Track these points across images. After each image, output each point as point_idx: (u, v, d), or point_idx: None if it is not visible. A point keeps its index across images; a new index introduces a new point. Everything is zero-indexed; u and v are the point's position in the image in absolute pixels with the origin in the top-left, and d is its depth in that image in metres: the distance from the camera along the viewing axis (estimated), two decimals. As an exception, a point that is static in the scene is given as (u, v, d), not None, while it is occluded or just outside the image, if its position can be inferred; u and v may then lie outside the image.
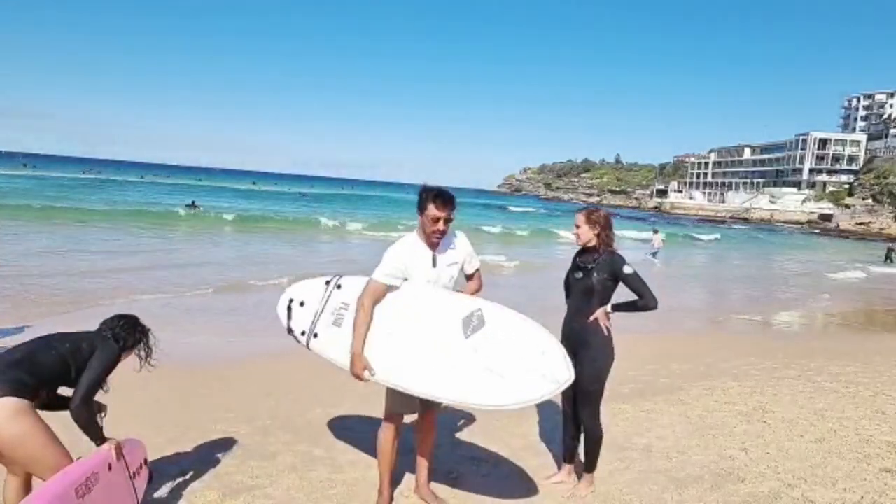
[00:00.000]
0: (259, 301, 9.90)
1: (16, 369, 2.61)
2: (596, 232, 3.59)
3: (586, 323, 3.55)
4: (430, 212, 3.16)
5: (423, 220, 3.21)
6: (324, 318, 3.47)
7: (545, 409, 5.21)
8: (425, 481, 3.55)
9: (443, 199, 3.16)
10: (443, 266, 3.30)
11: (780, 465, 4.17)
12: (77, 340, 2.85)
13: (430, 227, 3.18)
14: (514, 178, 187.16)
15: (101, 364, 2.80)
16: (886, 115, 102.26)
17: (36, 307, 8.42)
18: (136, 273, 12.08)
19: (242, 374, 6.16)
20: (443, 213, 3.16)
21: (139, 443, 3.27)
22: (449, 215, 3.18)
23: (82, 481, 2.58)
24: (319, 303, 3.51)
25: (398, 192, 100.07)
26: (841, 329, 11.77)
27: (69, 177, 60.12)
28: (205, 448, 4.17)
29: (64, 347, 2.78)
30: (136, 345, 3.07)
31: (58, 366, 2.71)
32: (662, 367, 6.94)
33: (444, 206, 3.16)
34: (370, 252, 17.30)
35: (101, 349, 2.85)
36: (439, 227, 3.18)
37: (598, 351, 3.54)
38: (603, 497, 3.66)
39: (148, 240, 18.61)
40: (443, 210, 3.16)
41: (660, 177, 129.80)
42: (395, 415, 3.40)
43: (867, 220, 67.26)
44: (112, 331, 2.99)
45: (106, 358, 2.84)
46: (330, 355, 3.41)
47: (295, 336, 3.53)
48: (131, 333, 3.04)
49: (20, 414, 2.53)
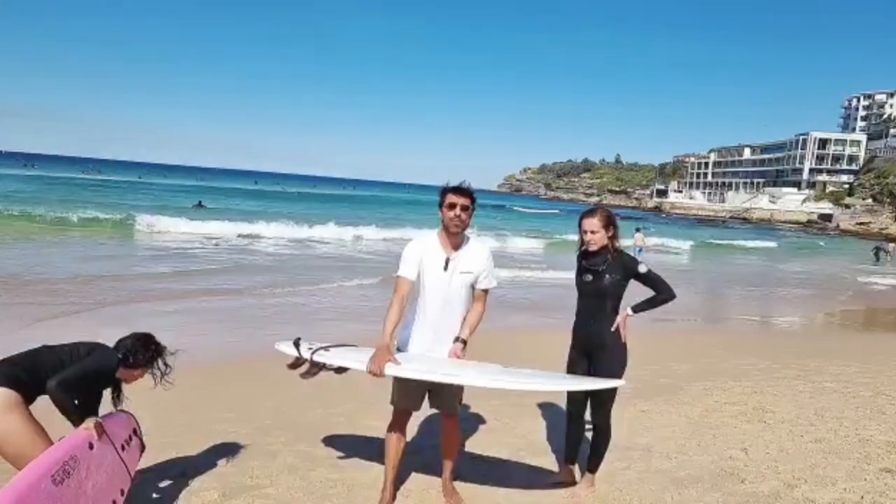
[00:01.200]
0: (260, 301, 9.90)
1: (12, 366, 2.66)
2: (610, 234, 3.56)
3: (603, 327, 3.52)
4: (448, 199, 3.24)
5: (443, 212, 3.27)
6: (335, 347, 3.49)
7: (545, 409, 5.21)
8: (448, 477, 3.56)
9: (460, 187, 3.26)
10: (455, 271, 3.29)
11: (780, 465, 4.17)
12: (77, 346, 2.90)
13: (448, 214, 3.24)
14: (514, 178, 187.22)
15: (89, 362, 2.81)
16: (886, 115, 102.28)
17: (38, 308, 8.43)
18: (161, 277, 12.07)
19: (242, 374, 6.16)
20: (459, 200, 3.23)
21: (125, 415, 3.21)
22: (466, 203, 3.23)
23: (59, 467, 2.48)
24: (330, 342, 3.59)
25: (399, 192, 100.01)
26: (841, 329, 11.78)
27: (77, 178, 60.12)
28: (205, 448, 4.16)
29: (63, 351, 2.83)
30: (148, 363, 3.08)
31: (54, 365, 2.72)
32: (662, 367, 6.93)
33: (459, 193, 3.24)
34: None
35: (98, 352, 2.89)
36: (456, 212, 3.23)
37: (615, 353, 3.52)
38: (603, 497, 3.66)
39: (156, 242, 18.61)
40: (459, 197, 3.23)
41: (660, 177, 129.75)
42: (399, 410, 3.42)
43: (867, 220, 67.21)
44: (125, 347, 3.01)
45: (97, 360, 2.85)
46: (337, 362, 3.35)
47: (299, 352, 3.41)
48: (142, 351, 3.05)
49: (10, 407, 2.55)
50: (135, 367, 3.03)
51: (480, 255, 3.38)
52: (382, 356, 3.10)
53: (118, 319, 7.76)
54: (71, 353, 2.82)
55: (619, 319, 3.51)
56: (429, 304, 3.33)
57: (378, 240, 23.81)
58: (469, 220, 3.28)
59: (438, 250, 3.30)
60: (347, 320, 8.97)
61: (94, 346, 2.93)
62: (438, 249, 3.31)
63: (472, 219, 3.32)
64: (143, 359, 3.04)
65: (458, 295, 3.33)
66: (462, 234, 3.33)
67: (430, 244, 3.33)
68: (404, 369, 3.11)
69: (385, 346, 3.14)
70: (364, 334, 5.56)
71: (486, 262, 3.38)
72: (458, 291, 3.32)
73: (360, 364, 3.18)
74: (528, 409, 5.25)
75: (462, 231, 3.30)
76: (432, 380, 3.14)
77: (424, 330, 3.37)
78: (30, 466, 2.43)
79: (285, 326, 8.20)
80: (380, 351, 3.12)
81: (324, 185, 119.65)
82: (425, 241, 3.35)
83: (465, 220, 3.26)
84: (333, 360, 3.34)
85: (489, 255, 3.42)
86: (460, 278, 3.30)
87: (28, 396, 2.65)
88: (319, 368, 3.37)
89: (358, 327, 8.04)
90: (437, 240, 3.34)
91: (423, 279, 3.31)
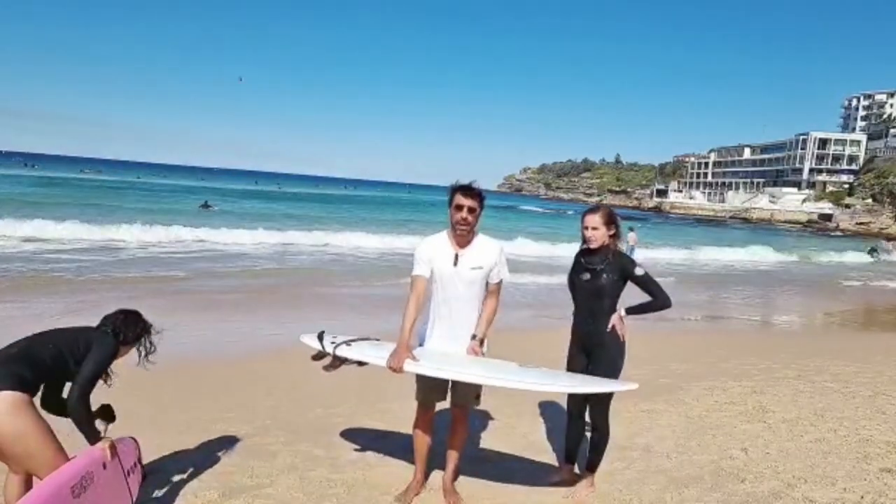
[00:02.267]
0: (261, 300, 9.91)
1: (14, 364, 2.61)
2: (611, 233, 3.58)
3: (601, 325, 3.54)
4: (455, 201, 3.29)
5: (451, 213, 3.32)
6: (358, 341, 3.60)
7: (546, 409, 5.21)
8: (449, 477, 3.58)
9: (467, 189, 3.30)
10: (465, 267, 3.34)
11: (780, 465, 4.17)
12: (74, 334, 2.85)
13: (455, 216, 3.29)
14: (515, 178, 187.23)
15: (97, 358, 2.79)
16: (886, 115, 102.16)
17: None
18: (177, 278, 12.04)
19: (242, 374, 6.16)
20: (466, 202, 3.27)
21: (132, 442, 3.26)
22: (473, 205, 3.27)
23: (77, 480, 2.57)
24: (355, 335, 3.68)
25: (400, 192, 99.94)
26: (841, 329, 11.78)
27: (80, 177, 60.07)
28: (205, 448, 4.17)
29: (60, 342, 2.78)
30: (136, 340, 3.06)
31: (55, 360, 2.71)
32: (662, 367, 6.93)
33: (466, 195, 3.28)
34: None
35: (97, 343, 2.84)
36: (463, 215, 3.27)
37: (613, 351, 3.55)
38: (603, 497, 3.66)
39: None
40: (466, 199, 3.27)
41: (660, 177, 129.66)
42: (422, 405, 3.51)
43: (867, 220, 67.23)
44: (113, 325, 2.98)
45: (103, 352, 2.82)
46: (357, 357, 3.47)
47: (323, 346, 3.55)
48: (132, 328, 3.03)
49: (20, 408, 2.54)
50: (124, 345, 3.00)
51: (490, 250, 3.42)
52: (402, 353, 3.21)
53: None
54: (70, 346, 2.77)
55: (614, 319, 3.53)
56: (442, 301, 3.41)
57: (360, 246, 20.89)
58: (476, 221, 3.31)
59: (447, 247, 3.37)
60: (342, 319, 8.97)
61: (86, 334, 2.87)
62: (447, 246, 3.37)
63: (480, 220, 3.35)
64: (132, 336, 3.02)
65: (470, 291, 3.38)
66: (471, 232, 3.36)
67: (439, 242, 3.40)
68: (423, 366, 3.21)
69: (404, 344, 3.23)
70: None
71: (496, 256, 3.41)
72: (470, 287, 3.37)
73: (380, 360, 3.30)
74: (528, 408, 5.25)
75: (468, 232, 3.33)
76: (449, 378, 3.25)
77: (441, 327, 3.45)
78: (52, 476, 2.52)
79: (285, 327, 8.20)
80: (400, 348, 3.23)
81: (324, 186, 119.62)
82: (435, 239, 3.43)
83: (472, 221, 3.30)
84: (354, 356, 3.46)
85: (500, 250, 3.45)
86: (471, 274, 3.35)
87: (33, 394, 2.65)
88: (342, 362, 3.47)
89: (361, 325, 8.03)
90: (447, 237, 3.41)
91: (434, 276, 3.38)
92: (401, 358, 3.20)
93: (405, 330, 3.26)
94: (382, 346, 3.54)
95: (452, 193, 3.32)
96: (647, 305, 3.55)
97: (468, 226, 3.30)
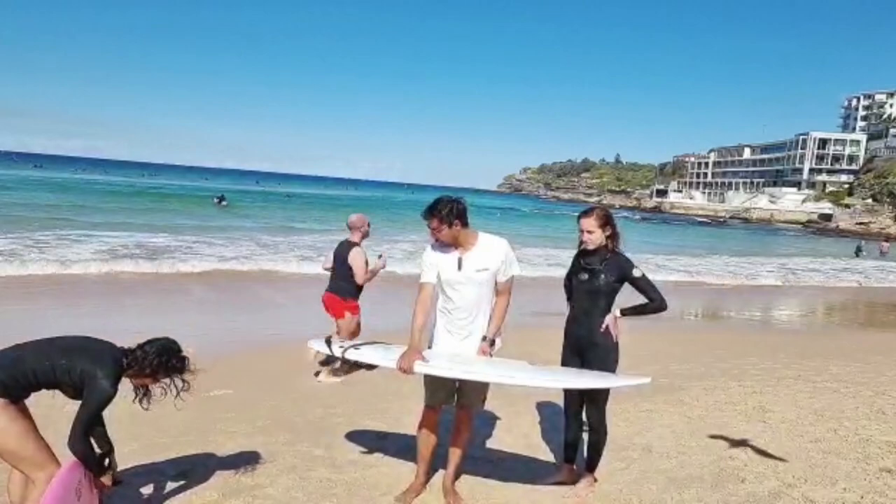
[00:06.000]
0: (260, 301, 9.90)
1: (2, 370, 2.61)
2: (608, 234, 3.58)
3: (595, 325, 3.55)
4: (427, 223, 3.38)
5: None
6: (366, 344, 3.67)
7: (545, 409, 5.21)
8: (450, 477, 3.59)
9: (425, 211, 3.36)
10: (470, 270, 3.36)
11: (780, 465, 4.17)
12: (77, 360, 2.68)
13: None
14: (514, 178, 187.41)
15: (89, 406, 2.67)
16: (886, 115, 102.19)
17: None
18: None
19: (242, 373, 6.16)
20: (429, 224, 3.34)
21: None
22: (433, 224, 3.31)
23: (77, 484, 2.69)
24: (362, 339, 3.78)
25: (400, 192, 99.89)
26: (841, 329, 11.78)
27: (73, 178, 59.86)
28: (204, 448, 4.16)
29: (59, 362, 2.66)
30: (154, 374, 2.87)
31: (44, 375, 2.66)
32: (662, 367, 6.93)
33: (426, 216, 3.35)
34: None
35: (89, 390, 2.65)
36: (433, 233, 3.35)
37: (606, 351, 3.55)
38: (603, 497, 3.66)
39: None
40: (426, 220, 3.35)
41: (660, 177, 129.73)
42: (428, 406, 3.54)
43: (867, 219, 67.19)
44: (134, 355, 2.81)
45: (95, 400, 2.66)
46: (366, 360, 3.53)
47: (331, 350, 3.62)
48: (155, 367, 2.84)
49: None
50: (137, 377, 2.87)
51: (495, 249, 3.42)
52: (412, 354, 3.24)
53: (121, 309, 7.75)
54: (67, 371, 2.65)
55: (608, 320, 3.53)
56: (450, 305, 3.45)
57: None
58: (449, 231, 3.30)
59: (451, 252, 3.39)
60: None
61: (91, 366, 2.67)
62: (451, 251, 3.39)
63: (460, 227, 3.32)
64: (149, 371, 2.83)
65: (477, 292, 3.39)
66: (469, 235, 3.37)
67: (442, 248, 3.42)
68: (432, 367, 3.25)
69: (415, 346, 3.28)
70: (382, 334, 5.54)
71: (502, 255, 3.42)
72: (476, 289, 3.38)
73: (390, 362, 3.33)
74: (527, 408, 5.25)
75: (450, 242, 3.36)
76: (458, 377, 3.29)
77: (450, 329, 3.47)
78: (61, 475, 2.61)
79: (285, 326, 8.20)
80: (410, 350, 3.26)
81: (325, 186, 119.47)
82: (440, 245, 3.44)
83: (444, 234, 3.32)
84: (363, 359, 3.52)
85: (506, 248, 3.45)
86: (477, 276, 3.37)
87: (14, 399, 2.63)
88: (351, 365, 3.52)
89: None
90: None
91: (441, 281, 3.42)
92: (411, 359, 3.22)
93: (415, 333, 3.31)
94: (390, 348, 3.56)
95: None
96: (642, 307, 3.55)
97: (443, 238, 3.35)
